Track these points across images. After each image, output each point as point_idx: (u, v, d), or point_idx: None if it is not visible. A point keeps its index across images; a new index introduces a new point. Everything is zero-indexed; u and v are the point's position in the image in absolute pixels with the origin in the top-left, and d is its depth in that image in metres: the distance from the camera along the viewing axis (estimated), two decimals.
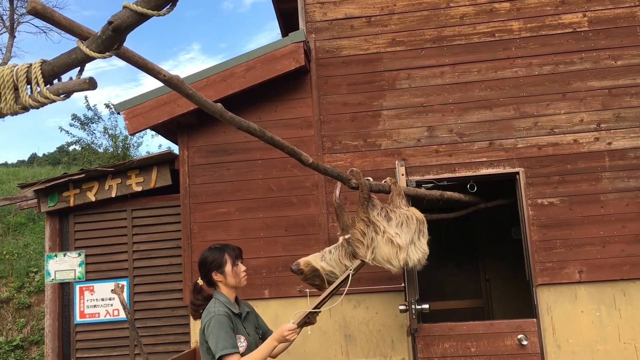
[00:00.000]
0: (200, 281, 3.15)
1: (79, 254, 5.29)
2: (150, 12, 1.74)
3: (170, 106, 4.67)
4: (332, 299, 3.23)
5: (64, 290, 5.36)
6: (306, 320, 3.13)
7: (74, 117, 14.71)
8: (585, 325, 4.31)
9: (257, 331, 3.22)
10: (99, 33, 1.81)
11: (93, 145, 14.90)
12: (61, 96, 1.91)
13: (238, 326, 3.03)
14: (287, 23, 6.80)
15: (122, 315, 5.08)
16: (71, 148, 17.18)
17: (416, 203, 4.29)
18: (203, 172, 4.87)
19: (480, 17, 4.73)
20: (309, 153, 3.65)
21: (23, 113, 1.95)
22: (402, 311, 4.19)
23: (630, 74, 4.54)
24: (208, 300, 3.10)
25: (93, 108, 15.05)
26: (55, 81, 1.95)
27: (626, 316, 4.30)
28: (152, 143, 38.76)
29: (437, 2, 4.79)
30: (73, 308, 5.29)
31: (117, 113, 4.86)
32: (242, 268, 3.15)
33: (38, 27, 23.82)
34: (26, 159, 27.58)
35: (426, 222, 3.64)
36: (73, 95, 1.96)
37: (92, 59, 1.84)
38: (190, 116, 4.77)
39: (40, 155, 27.10)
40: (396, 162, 4.58)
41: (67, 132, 14.98)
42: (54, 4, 21.53)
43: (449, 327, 4.31)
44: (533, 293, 4.37)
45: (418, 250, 3.50)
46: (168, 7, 1.78)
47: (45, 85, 1.90)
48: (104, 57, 1.82)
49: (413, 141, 4.66)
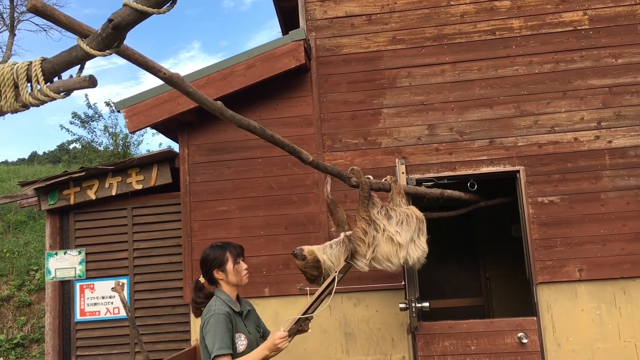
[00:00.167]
0: (201, 279, 3.15)
1: (80, 252, 5.30)
2: (150, 10, 1.74)
3: (170, 104, 4.67)
4: (321, 304, 3.21)
5: (65, 288, 5.36)
6: (299, 328, 3.13)
7: (75, 116, 14.73)
8: (585, 323, 4.32)
9: (259, 329, 3.22)
10: (99, 31, 1.81)
11: (93, 143, 14.92)
12: (61, 94, 1.92)
13: (239, 324, 3.02)
14: (288, 21, 6.79)
15: (123, 313, 5.09)
16: (71, 146, 17.19)
17: (416, 201, 4.29)
18: (203, 170, 4.88)
19: (480, 15, 4.73)
20: (309, 151, 3.64)
21: (23, 111, 1.95)
22: (403, 309, 4.19)
23: (630, 72, 4.54)
24: (209, 298, 3.10)
25: (93, 106, 15.07)
26: (55, 79, 1.95)
27: (626, 314, 4.30)
28: (153, 141, 38.65)
29: (438, 0, 4.78)
30: (73, 306, 5.29)
31: (118, 111, 4.86)
32: (244, 266, 3.15)
33: (38, 25, 23.89)
34: (26, 157, 27.63)
35: (425, 221, 3.64)
36: (73, 93, 1.96)
37: (93, 57, 1.84)
38: (190, 114, 4.77)
39: (40, 153, 27.15)
40: (396, 161, 4.58)
41: (68, 131, 15.00)
42: (54, 2, 21.51)
43: (449, 326, 4.32)
44: (533, 291, 4.37)
45: (418, 248, 3.50)
46: (168, 5, 1.78)
47: (45, 83, 1.90)
48: (104, 55, 1.83)
49: (413, 139, 4.66)
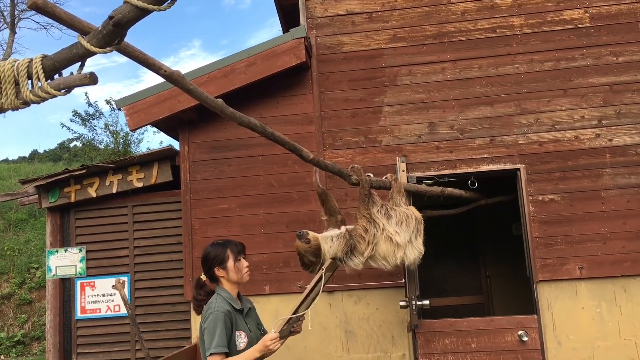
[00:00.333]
0: (203, 276, 3.15)
1: (80, 250, 5.30)
2: (151, 7, 1.74)
3: (171, 102, 4.67)
4: (312, 303, 3.18)
5: (65, 286, 5.37)
6: (291, 329, 3.12)
7: (75, 114, 14.73)
8: (585, 321, 4.32)
9: (259, 327, 3.22)
10: (100, 28, 1.81)
11: (94, 141, 14.92)
12: (62, 91, 1.91)
13: (239, 322, 3.03)
14: (288, 19, 6.78)
15: (123, 310, 5.09)
16: (72, 144, 17.21)
17: (417, 199, 4.29)
18: (204, 168, 4.88)
19: (481, 13, 4.72)
20: (310, 149, 3.64)
21: (24, 108, 1.95)
22: (403, 307, 4.20)
23: (631, 70, 4.53)
24: (210, 295, 3.10)
25: (94, 104, 15.07)
26: (56, 76, 1.95)
27: (627, 312, 4.30)
28: (154, 140, 38.66)
29: None
30: (74, 304, 5.30)
31: (118, 109, 4.85)
32: (245, 264, 3.15)
33: (39, 23, 23.87)
34: (27, 156, 27.63)
35: (423, 222, 3.64)
36: (74, 90, 1.96)
37: (93, 54, 1.84)
38: (191, 112, 4.77)
39: (41, 151, 27.16)
40: (397, 159, 4.58)
41: (69, 129, 15.01)
42: (55, 0, 21.48)
43: (450, 323, 4.32)
44: (533, 289, 4.37)
45: (415, 249, 3.51)
46: (169, 2, 1.77)
47: (46, 80, 1.90)
48: (105, 52, 1.82)
49: (414, 137, 4.66)
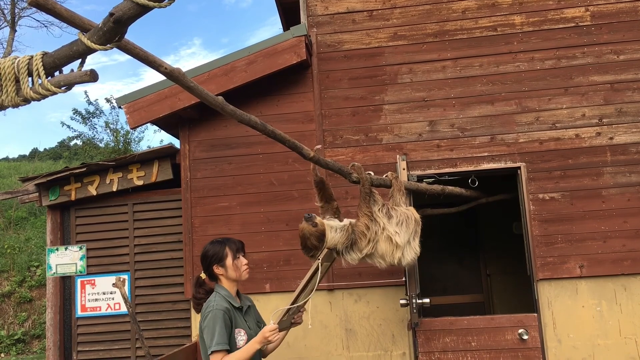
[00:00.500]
0: (202, 275, 3.15)
1: (80, 248, 5.30)
2: (151, 4, 1.73)
3: (171, 100, 4.66)
4: (309, 293, 3.16)
5: (65, 284, 5.37)
6: (292, 320, 3.11)
7: (75, 112, 14.73)
8: (586, 320, 4.32)
9: (259, 325, 3.22)
10: (100, 25, 1.81)
11: (94, 140, 14.92)
12: (62, 88, 1.91)
13: (238, 320, 3.03)
14: (289, 17, 6.78)
15: (123, 308, 5.10)
16: (72, 143, 17.21)
17: (417, 198, 4.29)
18: (204, 166, 4.87)
19: (482, 11, 4.71)
20: (310, 147, 3.64)
21: (24, 105, 1.95)
22: (403, 305, 4.19)
23: (632, 69, 4.53)
24: (210, 293, 3.10)
25: (94, 103, 15.06)
26: (56, 73, 1.95)
27: (627, 311, 4.30)
28: (154, 138, 38.68)
29: None
30: (74, 302, 5.30)
31: (119, 107, 4.85)
32: (244, 261, 3.15)
33: (39, 22, 23.88)
34: (27, 154, 27.64)
35: (421, 224, 3.64)
36: (74, 89, 1.96)
37: (93, 51, 1.84)
38: (191, 110, 4.76)
39: (41, 150, 27.15)
40: (397, 157, 4.58)
41: (69, 127, 15.02)
42: None
43: (450, 322, 4.32)
44: (534, 288, 4.37)
45: (412, 250, 3.53)
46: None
47: (46, 77, 1.89)
48: (105, 49, 1.82)
49: (414, 136, 4.66)
